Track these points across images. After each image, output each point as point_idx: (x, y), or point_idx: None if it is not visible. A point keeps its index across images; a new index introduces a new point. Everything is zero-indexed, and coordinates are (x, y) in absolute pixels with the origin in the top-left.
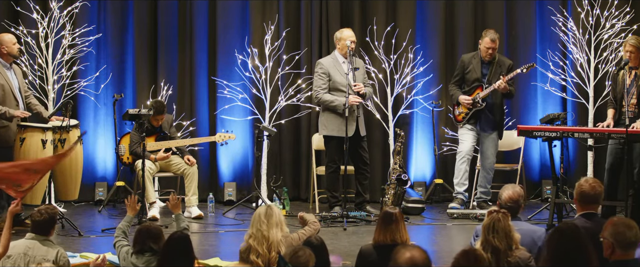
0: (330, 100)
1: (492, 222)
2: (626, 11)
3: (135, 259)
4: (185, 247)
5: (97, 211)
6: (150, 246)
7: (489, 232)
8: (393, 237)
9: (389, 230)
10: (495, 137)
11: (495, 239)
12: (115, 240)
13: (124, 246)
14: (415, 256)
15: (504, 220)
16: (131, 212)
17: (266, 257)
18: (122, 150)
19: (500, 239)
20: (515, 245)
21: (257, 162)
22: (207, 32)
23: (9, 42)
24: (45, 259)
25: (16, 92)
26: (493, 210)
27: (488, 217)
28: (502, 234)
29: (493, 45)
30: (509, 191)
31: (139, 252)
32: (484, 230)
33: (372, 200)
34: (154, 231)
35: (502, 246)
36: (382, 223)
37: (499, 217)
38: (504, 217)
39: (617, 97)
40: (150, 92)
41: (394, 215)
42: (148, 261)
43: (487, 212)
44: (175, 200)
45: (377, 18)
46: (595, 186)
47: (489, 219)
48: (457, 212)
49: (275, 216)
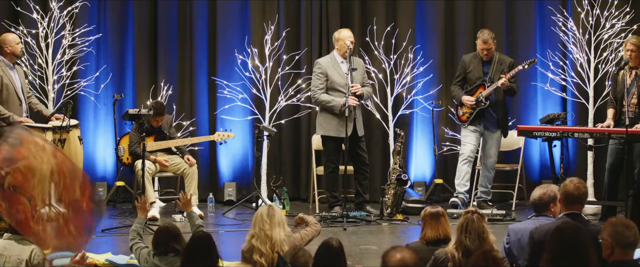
0: (328, 101)
1: (466, 223)
2: (626, 11)
3: (158, 260)
4: (208, 246)
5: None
6: (173, 246)
7: (462, 232)
8: (446, 232)
9: (440, 225)
10: (499, 136)
11: (468, 239)
12: (131, 243)
13: (143, 248)
14: (405, 257)
15: (478, 221)
16: (142, 214)
17: (270, 257)
18: (121, 151)
19: (472, 240)
20: (488, 247)
21: (257, 162)
22: (207, 32)
23: (12, 41)
24: (19, 259)
25: (20, 92)
26: (468, 210)
27: (463, 217)
28: (474, 235)
29: (485, 46)
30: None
31: (161, 254)
32: (457, 229)
33: (372, 200)
34: (174, 231)
35: (473, 246)
36: (430, 220)
37: (473, 218)
38: (479, 219)
39: (617, 97)
40: (150, 92)
41: (440, 211)
42: (172, 262)
43: (463, 213)
44: (185, 199)
45: (377, 18)
46: (580, 186)
47: (463, 219)
48: (457, 212)
49: (277, 215)
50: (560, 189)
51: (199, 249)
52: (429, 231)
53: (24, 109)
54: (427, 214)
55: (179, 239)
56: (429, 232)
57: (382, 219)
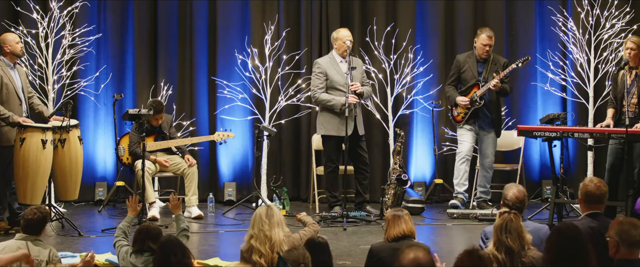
0: (328, 100)
1: (505, 223)
2: (626, 11)
3: (134, 258)
4: (178, 249)
5: (97, 211)
6: (149, 245)
7: (502, 233)
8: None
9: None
10: (493, 136)
11: (509, 239)
12: (115, 240)
13: (123, 246)
14: (419, 256)
15: (516, 220)
16: (132, 213)
17: (269, 257)
18: (121, 151)
19: (514, 240)
20: (527, 245)
21: (257, 162)
22: (207, 32)
23: (12, 41)
24: (39, 260)
25: (20, 92)
26: (504, 211)
27: (500, 217)
28: (515, 234)
29: (490, 41)
30: (513, 190)
31: (137, 252)
32: (495, 231)
33: (372, 200)
34: (153, 231)
35: (515, 246)
36: (392, 220)
37: (511, 218)
38: (516, 218)
39: (618, 97)
40: (150, 92)
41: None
42: (147, 261)
43: (498, 213)
44: (175, 201)
45: (377, 18)
46: (601, 185)
47: (501, 219)
48: (457, 212)
49: (276, 215)
50: (581, 189)
51: (169, 252)
52: (392, 229)
53: (24, 108)
54: (389, 216)
55: (156, 238)
56: (391, 231)
57: (382, 219)
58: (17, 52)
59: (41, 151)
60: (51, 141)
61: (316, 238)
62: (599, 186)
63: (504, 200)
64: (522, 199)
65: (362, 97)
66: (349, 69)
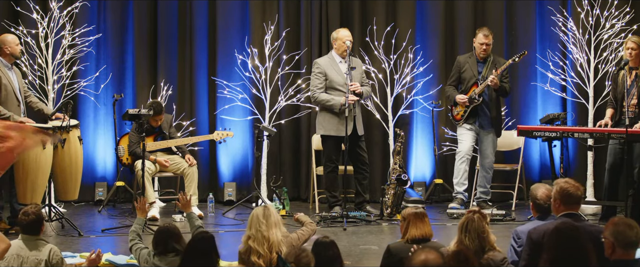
0: (327, 100)
1: (467, 222)
2: (626, 11)
3: (158, 260)
4: (209, 247)
5: (97, 211)
6: (173, 246)
7: (462, 232)
8: (426, 233)
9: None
10: (493, 136)
11: (467, 238)
12: (130, 243)
13: (142, 249)
14: (429, 259)
15: (479, 221)
16: (141, 215)
17: (267, 258)
18: (121, 151)
19: (472, 240)
20: (489, 246)
21: (257, 162)
22: (207, 32)
23: (11, 42)
24: (38, 259)
25: (18, 92)
26: (470, 210)
27: (464, 216)
28: (474, 234)
29: (486, 40)
30: (542, 189)
31: (161, 253)
32: (458, 229)
33: (372, 200)
34: (174, 231)
35: (473, 246)
36: (414, 220)
37: (473, 218)
38: (479, 219)
39: (618, 98)
40: (150, 92)
41: (421, 212)
42: (172, 262)
43: (466, 212)
44: (185, 200)
45: (377, 18)
46: (579, 186)
47: (464, 218)
48: (457, 212)
49: (273, 216)
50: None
51: (201, 250)
52: (414, 229)
53: (22, 109)
54: (410, 214)
55: (178, 239)
56: (413, 231)
57: (382, 219)
58: (17, 54)
59: (41, 151)
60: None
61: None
62: (578, 187)
63: (533, 200)
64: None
65: (362, 97)
66: (348, 69)
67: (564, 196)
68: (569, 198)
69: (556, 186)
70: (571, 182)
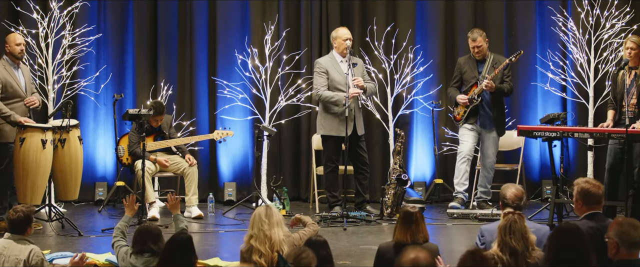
0: (331, 96)
1: (509, 223)
2: (626, 11)
3: (134, 259)
4: (186, 249)
5: (97, 211)
6: (150, 246)
7: (506, 234)
8: (413, 237)
9: (409, 230)
10: (495, 136)
11: (513, 240)
12: (113, 240)
13: (122, 246)
14: (419, 257)
15: (520, 221)
16: (129, 212)
17: (269, 257)
18: (121, 151)
19: (518, 241)
20: (531, 246)
21: (257, 162)
22: (207, 32)
23: (12, 42)
24: (18, 259)
25: (23, 91)
26: (508, 211)
27: (504, 218)
28: (518, 235)
29: (475, 43)
30: (511, 189)
31: (138, 253)
32: (500, 231)
33: (372, 200)
34: (154, 232)
35: (519, 247)
36: (402, 223)
37: (515, 218)
38: (520, 218)
39: (617, 98)
40: (150, 92)
41: (414, 215)
42: (147, 262)
43: (502, 214)
44: (173, 200)
45: (377, 18)
46: (599, 185)
47: (505, 220)
48: (457, 212)
49: (275, 215)
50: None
51: (177, 251)
52: (398, 232)
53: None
54: (400, 215)
55: (157, 239)
56: (397, 234)
57: (382, 219)
58: (15, 53)
59: (41, 151)
60: (51, 140)
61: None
62: (598, 186)
63: (502, 200)
64: (520, 197)
65: (366, 92)
66: (349, 67)
67: (584, 196)
68: (590, 198)
69: (576, 186)
70: (591, 181)
